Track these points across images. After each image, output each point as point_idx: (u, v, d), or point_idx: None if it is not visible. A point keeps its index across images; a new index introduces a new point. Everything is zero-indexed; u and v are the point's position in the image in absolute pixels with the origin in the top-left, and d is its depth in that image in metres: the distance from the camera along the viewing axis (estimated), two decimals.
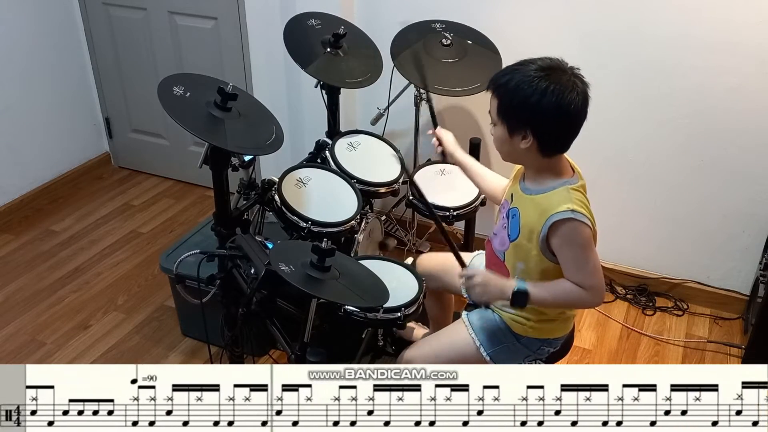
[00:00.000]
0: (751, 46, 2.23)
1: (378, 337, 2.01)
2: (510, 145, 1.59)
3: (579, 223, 1.53)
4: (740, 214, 2.49)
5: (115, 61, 3.42)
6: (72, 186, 3.52)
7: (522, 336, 1.76)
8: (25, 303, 2.74)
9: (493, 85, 1.58)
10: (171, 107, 1.76)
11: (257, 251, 1.83)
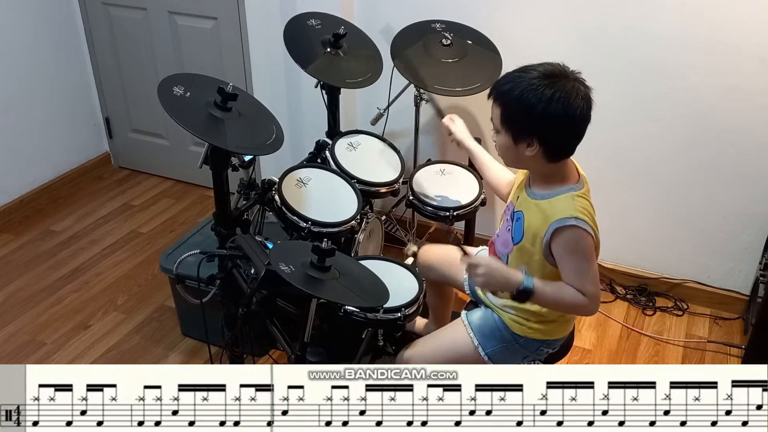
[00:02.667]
0: (751, 46, 2.23)
1: (378, 337, 2.01)
2: (515, 153, 1.58)
3: (582, 231, 1.53)
4: (740, 214, 2.49)
5: (115, 61, 3.42)
6: (72, 186, 3.52)
7: (521, 336, 1.76)
8: (25, 303, 2.74)
9: (495, 93, 1.56)
10: (171, 107, 1.76)
11: (257, 251, 1.83)
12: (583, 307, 1.58)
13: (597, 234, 1.56)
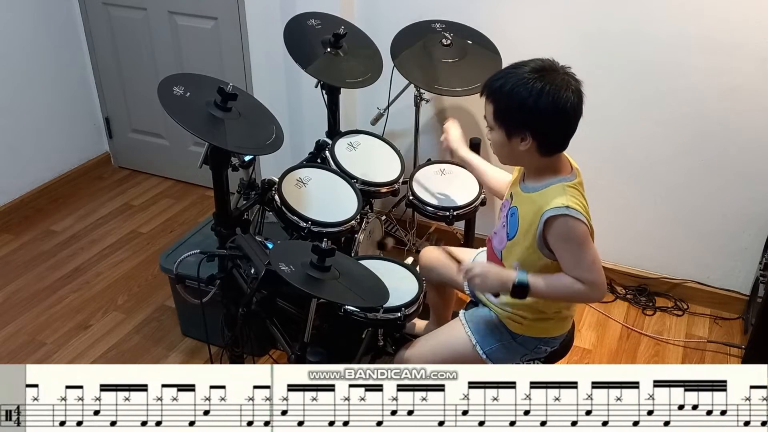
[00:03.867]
0: (751, 46, 2.23)
1: (378, 337, 2.01)
2: (509, 148, 1.59)
3: (573, 219, 1.53)
4: (740, 214, 2.49)
5: (115, 61, 3.42)
6: (72, 186, 3.52)
7: (518, 335, 1.76)
8: (25, 303, 2.74)
9: (487, 90, 1.58)
10: (171, 107, 1.76)
11: (257, 251, 1.83)
12: (584, 294, 1.58)
13: (590, 223, 1.57)
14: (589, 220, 1.56)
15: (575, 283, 1.56)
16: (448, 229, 2.81)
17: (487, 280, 1.64)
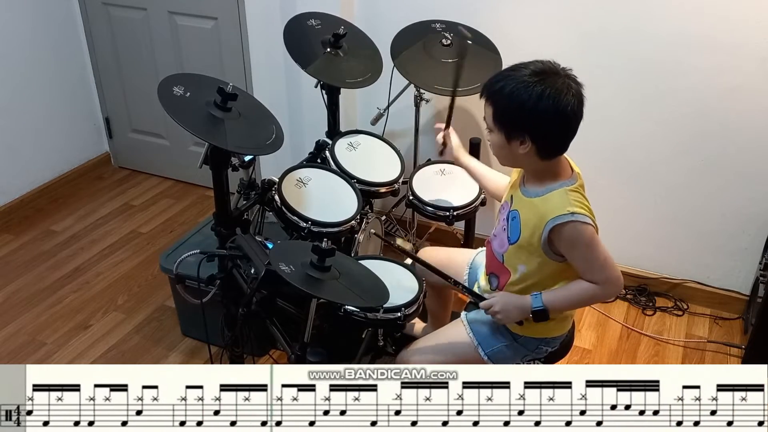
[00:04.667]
0: (751, 46, 2.23)
1: (378, 337, 2.01)
2: (508, 151, 1.59)
3: (580, 224, 1.53)
4: (740, 214, 2.49)
5: (115, 61, 3.42)
6: (72, 186, 3.52)
7: (519, 335, 1.76)
8: (25, 303, 2.74)
9: (486, 92, 1.57)
10: (171, 107, 1.76)
11: (257, 251, 1.83)
12: (601, 293, 1.60)
13: (595, 222, 1.57)
14: (594, 219, 1.56)
15: (590, 286, 1.58)
16: (448, 229, 2.81)
17: (508, 312, 1.68)
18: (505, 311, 1.67)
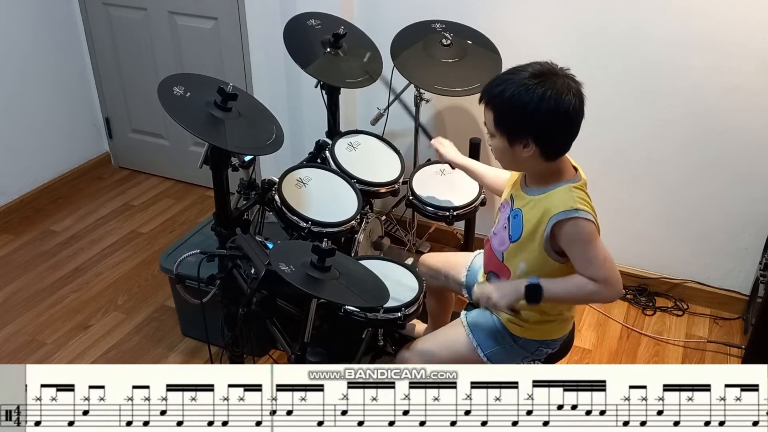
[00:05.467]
0: (751, 46, 2.23)
1: (378, 337, 2.01)
2: (511, 155, 1.58)
3: (582, 220, 1.53)
4: (740, 214, 2.49)
5: (115, 61, 3.42)
6: (72, 186, 3.52)
7: (519, 337, 1.76)
8: (25, 303, 2.74)
9: (486, 97, 1.56)
10: (171, 107, 1.76)
11: (257, 251, 1.83)
12: (600, 293, 1.56)
13: (597, 221, 1.56)
14: (596, 218, 1.56)
15: (589, 282, 1.55)
16: (448, 229, 2.81)
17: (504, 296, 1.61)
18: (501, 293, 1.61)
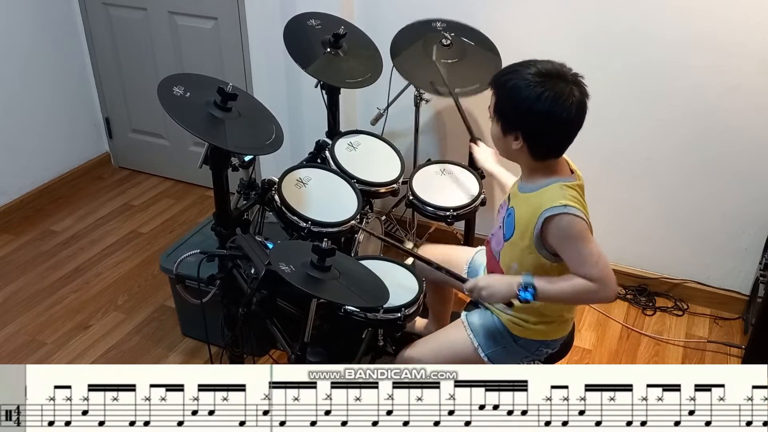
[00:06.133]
0: (751, 46, 2.23)
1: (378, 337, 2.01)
2: (504, 143, 1.60)
3: (572, 216, 1.52)
4: (740, 214, 2.49)
5: (115, 61, 3.42)
6: (72, 186, 3.52)
7: (520, 337, 1.76)
8: (25, 303, 2.74)
9: (494, 82, 1.58)
10: (171, 107, 1.76)
11: (257, 251, 1.83)
12: (595, 292, 1.53)
13: (588, 221, 1.55)
14: (587, 218, 1.55)
15: (583, 281, 1.53)
16: (448, 229, 2.81)
17: (494, 289, 1.64)
18: (489, 287, 1.64)
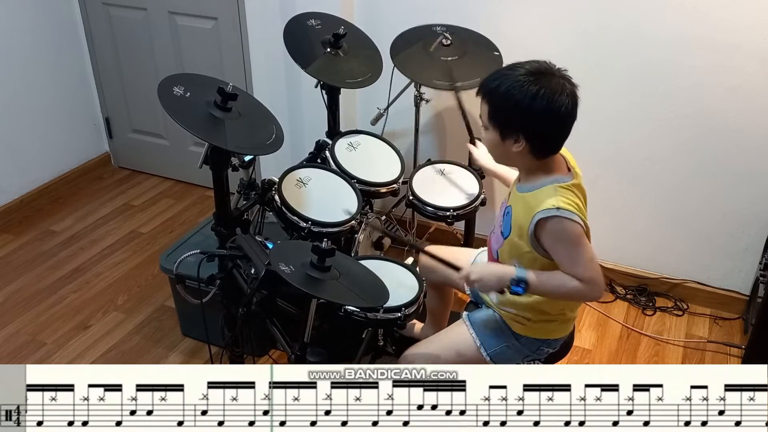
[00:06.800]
0: (751, 46, 2.23)
1: (378, 337, 2.01)
2: (502, 149, 1.60)
3: (565, 220, 1.53)
4: (740, 214, 2.49)
5: (115, 61, 3.42)
6: (72, 186, 3.52)
7: (522, 336, 1.76)
8: (25, 303, 2.74)
9: (482, 90, 1.59)
10: (171, 107, 1.76)
11: (257, 251, 1.83)
12: (583, 292, 1.58)
13: (585, 222, 1.57)
14: (583, 218, 1.56)
15: (572, 280, 1.56)
16: (448, 229, 2.81)
17: (486, 277, 1.65)
18: (481, 275, 1.65)
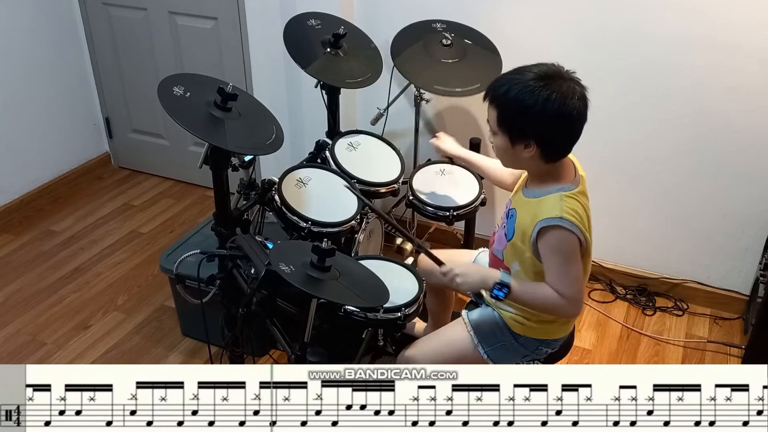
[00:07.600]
0: (751, 46, 2.23)
1: (378, 337, 2.01)
2: (512, 154, 1.59)
3: (566, 231, 1.53)
4: (740, 214, 2.49)
5: (115, 61, 3.42)
6: (72, 186, 3.52)
7: (520, 335, 1.76)
8: (25, 303, 2.74)
9: (491, 95, 1.57)
10: (171, 107, 1.76)
11: (257, 251, 1.83)
12: (561, 308, 1.59)
13: (586, 235, 1.57)
14: (584, 231, 1.56)
15: (555, 295, 1.56)
16: (448, 229, 2.81)
17: (468, 278, 1.66)
18: (464, 275, 1.65)
